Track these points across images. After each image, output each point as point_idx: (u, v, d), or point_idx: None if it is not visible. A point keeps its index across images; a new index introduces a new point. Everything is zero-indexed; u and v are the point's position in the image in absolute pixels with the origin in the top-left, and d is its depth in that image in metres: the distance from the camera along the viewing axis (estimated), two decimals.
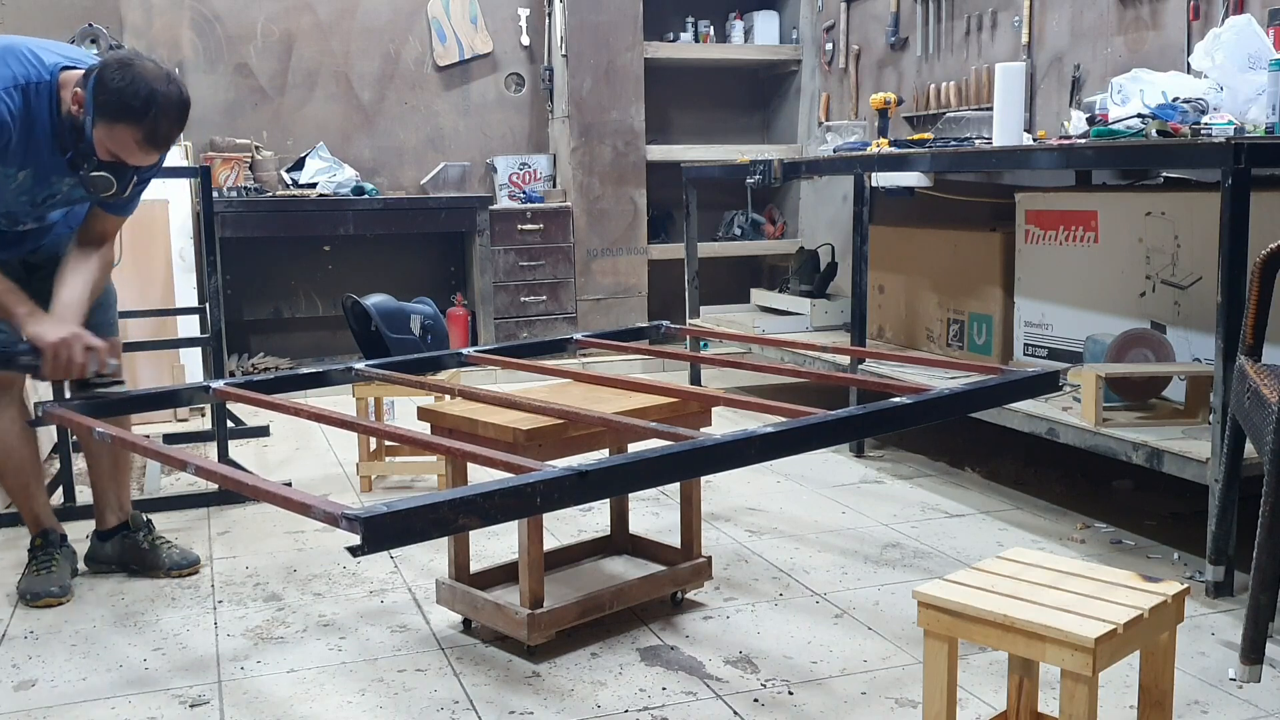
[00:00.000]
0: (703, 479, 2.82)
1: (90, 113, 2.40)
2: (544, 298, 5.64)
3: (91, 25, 4.39)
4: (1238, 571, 2.64)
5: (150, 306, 4.34)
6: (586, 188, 5.71)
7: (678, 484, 2.70)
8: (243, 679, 2.33)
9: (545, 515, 2.33)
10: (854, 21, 5.61)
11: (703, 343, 5.05)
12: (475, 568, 2.58)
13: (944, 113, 4.66)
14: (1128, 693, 2.10)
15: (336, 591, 2.82)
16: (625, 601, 2.52)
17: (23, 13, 5.23)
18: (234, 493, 3.33)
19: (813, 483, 3.72)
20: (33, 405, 2.56)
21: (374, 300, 3.97)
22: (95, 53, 3.55)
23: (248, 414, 4.58)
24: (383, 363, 2.76)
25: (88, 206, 2.79)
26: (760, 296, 5.42)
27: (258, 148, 5.51)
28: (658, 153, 5.84)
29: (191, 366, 4.80)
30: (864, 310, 4.09)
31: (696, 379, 5.03)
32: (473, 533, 2.73)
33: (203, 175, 3.69)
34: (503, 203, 5.73)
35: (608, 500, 2.86)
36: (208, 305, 3.77)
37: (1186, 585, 1.72)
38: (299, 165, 5.52)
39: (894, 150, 4.00)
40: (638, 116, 5.75)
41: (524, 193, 5.80)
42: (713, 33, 6.13)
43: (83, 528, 3.29)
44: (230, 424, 4.18)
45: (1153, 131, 2.90)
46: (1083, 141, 3.17)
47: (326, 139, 5.67)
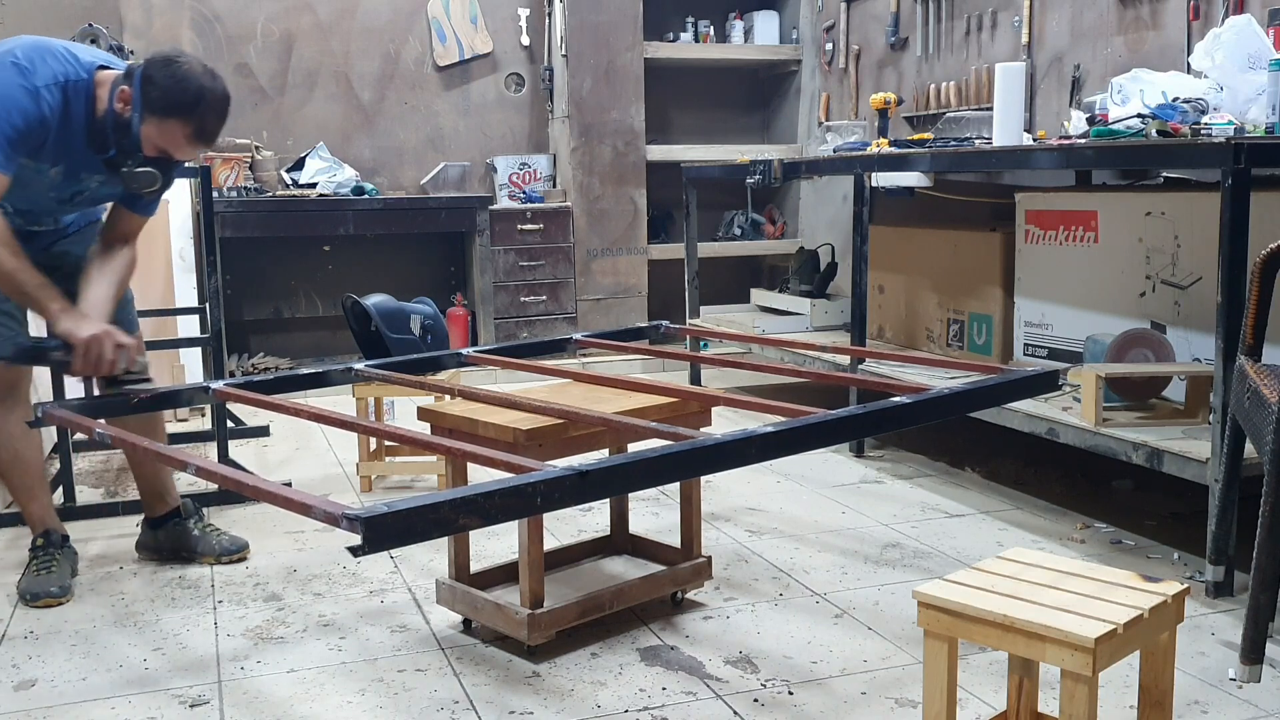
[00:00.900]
0: (703, 479, 2.82)
1: (139, 109, 2.48)
2: (544, 298, 5.64)
3: (91, 25, 4.39)
4: (1238, 571, 2.64)
5: (150, 306, 4.33)
6: (586, 188, 5.71)
7: (678, 484, 2.70)
8: (243, 679, 2.33)
9: (545, 515, 2.33)
10: (854, 21, 5.61)
11: (703, 343, 5.05)
12: (475, 568, 2.59)
13: (944, 113, 4.66)
14: (1128, 693, 2.10)
15: (336, 591, 2.82)
16: (625, 601, 2.52)
17: (23, 13, 5.24)
18: (234, 493, 3.33)
19: (813, 483, 3.72)
20: (33, 405, 2.57)
21: (374, 300, 3.97)
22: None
23: (248, 414, 4.58)
24: (383, 363, 2.76)
25: (101, 210, 2.85)
26: (760, 296, 5.42)
27: (258, 148, 5.51)
28: (658, 153, 5.84)
29: (191, 366, 4.80)
30: (864, 310, 4.09)
31: (696, 379, 5.03)
32: (473, 533, 2.73)
33: (203, 175, 3.69)
34: (503, 203, 5.73)
35: (608, 500, 2.86)
36: (208, 305, 3.77)
37: (1186, 585, 1.72)
38: (299, 165, 5.52)
39: (894, 150, 4.00)
40: (638, 116, 5.75)
41: (524, 193, 5.80)
42: (713, 33, 6.13)
43: (83, 528, 3.30)
44: (230, 424, 4.19)
45: (1153, 131, 2.90)
46: (1083, 141, 3.17)
47: (326, 139, 5.67)
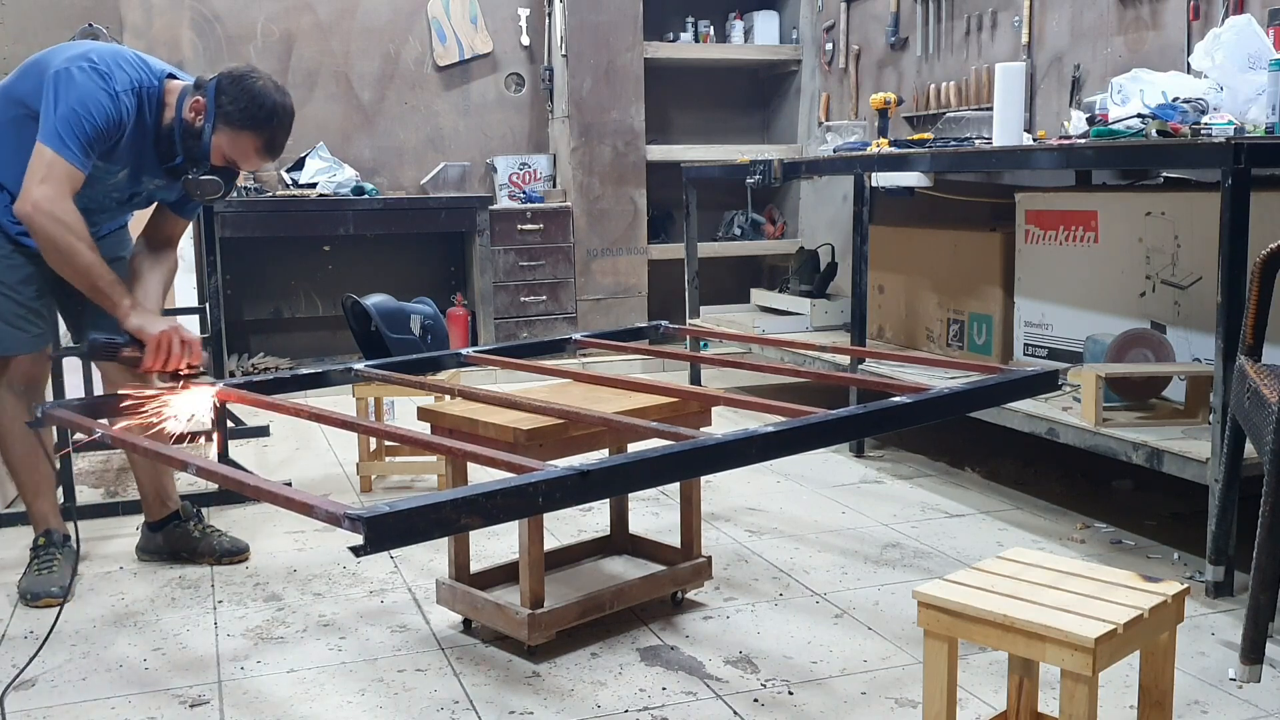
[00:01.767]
0: (703, 479, 2.82)
1: (211, 120, 2.60)
2: (544, 298, 5.64)
3: (91, 25, 4.38)
4: (1238, 571, 2.64)
5: None
6: (586, 188, 5.71)
7: (678, 484, 2.70)
8: (243, 679, 2.33)
9: (545, 515, 2.33)
10: (854, 21, 5.61)
11: (703, 343, 5.05)
12: (475, 568, 2.59)
13: (944, 113, 4.66)
14: (1128, 693, 2.10)
15: (336, 591, 2.82)
16: (625, 601, 2.52)
17: (23, 13, 5.23)
18: (233, 493, 3.33)
19: (813, 483, 3.72)
20: (31, 406, 2.57)
21: (374, 300, 3.97)
22: None
23: (248, 414, 4.58)
24: (382, 363, 2.75)
25: (128, 216, 2.95)
26: (760, 296, 5.42)
27: None
28: (658, 153, 5.84)
29: None
30: (864, 310, 4.09)
31: (696, 379, 5.03)
32: (472, 533, 2.73)
33: None
34: (503, 203, 5.73)
35: (608, 500, 2.86)
36: (208, 305, 3.78)
37: (1186, 585, 1.72)
38: (299, 165, 5.52)
39: (894, 150, 4.00)
40: (638, 116, 5.75)
41: (524, 193, 5.80)
42: (713, 33, 6.13)
43: (83, 528, 3.28)
44: (230, 424, 4.19)
45: (1153, 131, 2.90)
46: (1083, 141, 3.17)
47: (326, 139, 5.67)
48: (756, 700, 2.19)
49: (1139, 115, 3.05)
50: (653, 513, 3.38)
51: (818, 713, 2.15)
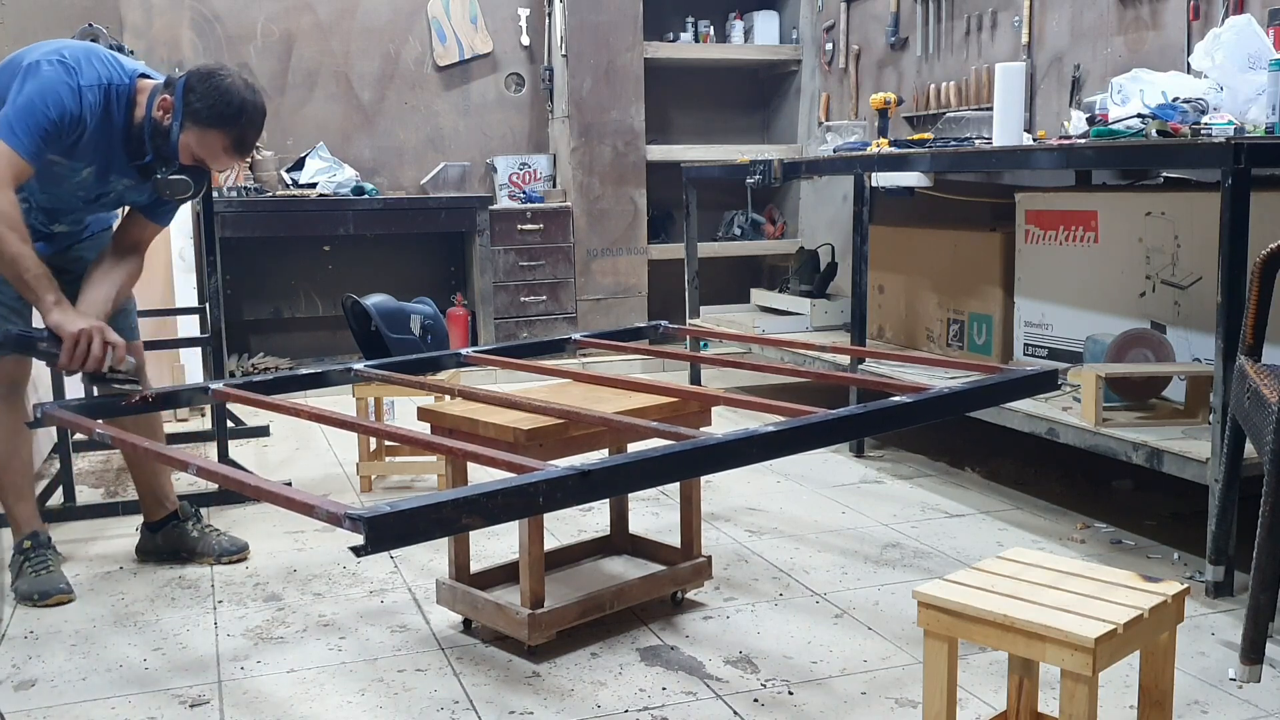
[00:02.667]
0: (703, 479, 2.82)
1: (179, 118, 2.54)
2: (544, 298, 5.64)
3: (91, 25, 4.38)
4: (1238, 571, 2.64)
5: (150, 306, 4.32)
6: (586, 188, 5.71)
7: (678, 484, 2.70)
8: (243, 679, 2.33)
9: (545, 515, 2.33)
10: (854, 21, 5.61)
11: (702, 343, 5.05)
12: (475, 568, 2.59)
13: (944, 113, 4.66)
14: (1128, 693, 2.10)
15: (336, 591, 2.82)
16: (625, 601, 2.52)
17: (23, 13, 5.24)
18: (233, 493, 3.33)
19: (813, 483, 3.72)
20: (31, 406, 2.57)
21: (374, 300, 3.97)
22: None
23: (248, 414, 4.58)
24: (382, 363, 2.75)
25: (115, 217, 2.90)
26: (760, 296, 5.42)
27: (258, 147, 5.51)
28: (658, 153, 5.84)
29: (191, 366, 4.79)
30: (864, 310, 4.09)
31: (696, 379, 5.03)
32: (472, 533, 2.73)
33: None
34: (503, 203, 5.73)
35: (608, 500, 2.86)
36: (208, 305, 3.77)
37: (1186, 585, 1.72)
38: (299, 165, 5.52)
39: (894, 150, 4.00)
40: (638, 116, 5.75)
41: (524, 193, 5.80)
42: (713, 33, 6.13)
43: (83, 528, 3.30)
44: (230, 424, 4.19)
45: (1153, 131, 2.90)
46: (1083, 141, 3.17)
47: (326, 139, 5.67)
48: (756, 700, 2.19)
49: (1139, 115, 3.05)
50: (653, 513, 3.38)
51: (818, 713, 2.15)
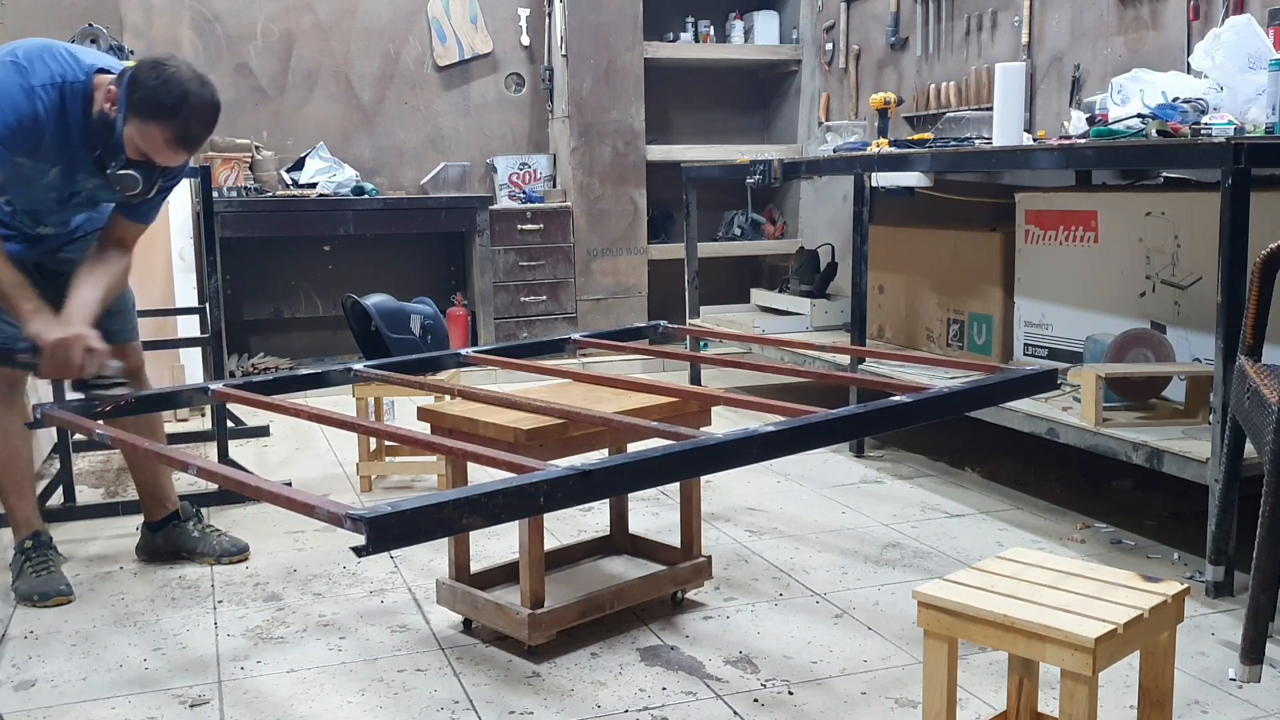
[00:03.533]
0: (703, 479, 2.82)
1: (123, 110, 2.45)
2: (544, 298, 5.64)
3: (91, 25, 4.39)
4: (1238, 571, 2.64)
5: (150, 306, 4.33)
6: (586, 188, 5.71)
7: (678, 484, 2.70)
8: (243, 679, 2.33)
9: (545, 515, 2.33)
10: (854, 21, 5.61)
11: (702, 343, 5.05)
12: (475, 568, 2.59)
13: (944, 113, 4.66)
14: (1128, 693, 2.10)
15: (336, 591, 2.82)
16: (625, 601, 2.52)
17: (23, 13, 5.23)
18: (233, 493, 3.33)
19: (813, 483, 3.72)
20: (31, 407, 2.57)
21: (374, 300, 3.97)
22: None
23: (248, 414, 4.58)
24: (382, 363, 2.75)
25: (108, 215, 2.83)
26: (760, 296, 5.42)
27: (258, 148, 5.51)
28: (658, 153, 5.84)
29: (191, 366, 4.79)
30: (864, 310, 4.09)
31: (696, 379, 5.03)
32: (473, 533, 2.73)
33: (203, 175, 3.69)
34: (503, 203, 5.73)
35: (608, 500, 2.86)
36: (208, 305, 3.77)
37: (1186, 585, 1.72)
38: (299, 165, 5.52)
39: (894, 150, 4.00)
40: (638, 116, 5.75)
41: (524, 193, 5.80)
42: (713, 33, 6.13)
43: (83, 528, 3.30)
44: (230, 424, 4.19)
45: (1153, 131, 2.90)
46: (1083, 141, 3.17)
47: (326, 139, 5.67)
48: (756, 700, 2.19)
49: (1139, 115, 3.05)
50: (653, 513, 3.38)
51: (818, 713, 2.15)
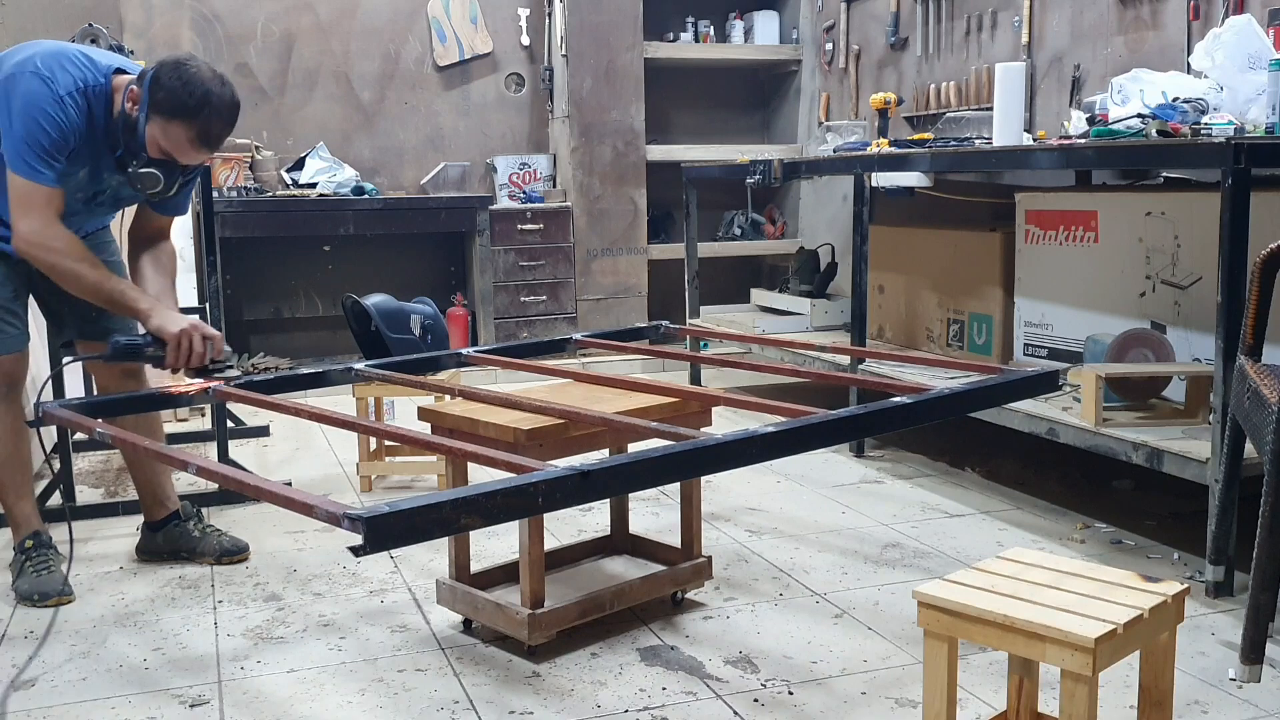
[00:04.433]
0: (703, 479, 2.82)
1: (145, 110, 2.53)
2: (544, 298, 5.64)
3: (91, 25, 4.38)
4: (1238, 571, 2.64)
5: None
6: (586, 188, 5.71)
7: (678, 484, 2.70)
8: (243, 679, 2.33)
9: (545, 515, 2.33)
10: (854, 21, 5.61)
11: (703, 343, 5.05)
12: (475, 568, 2.59)
13: (944, 113, 4.66)
14: (1128, 693, 2.10)
15: (336, 591, 2.82)
16: (625, 601, 2.52)
17: (23, 13, 5.23)
18: (233, 493, 3.33)
19: (813, 483, 3.72)
20: (32, 406, 2.57)
21: (374, 300, 3.97)
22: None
23: (248, 414, 4.58)
24: (383, 363, 2.75)
25: (110, 218, 2.92)
26: (760, 296, 5.42)
27: (258, 148, 5.51)
28: (658, 153, 5.84)
29: None
30: (864, 310, 4.09)
31: (696, 379, 5.03)
32: (473, 533, 2.73)
33: (203, 175, 3.69)
34: (503, 203, 5.73)
35: (608, 500, 2.86)
36: (208, 305, 3.77)
37: (1186, 585, 1.72)
38: (299, 165, 5.52)
39: (894, 150, 4.00)
40: (638, 116, 5.75)
41: (524, 193, 5.80)
42: (713, 33, 6.13)
43: (83, 528, 3.30)
44: (230, 424, 4.18)
45: (1153, 131, 2.90)
46: (1083, 141, 3.17)
47: (326, 139, 5.67)
48: (756, 700, 2.19)
49: (1139, 115, 3.05)
50: (653, 513, 3.38)
51: (818, 713, 2.15)
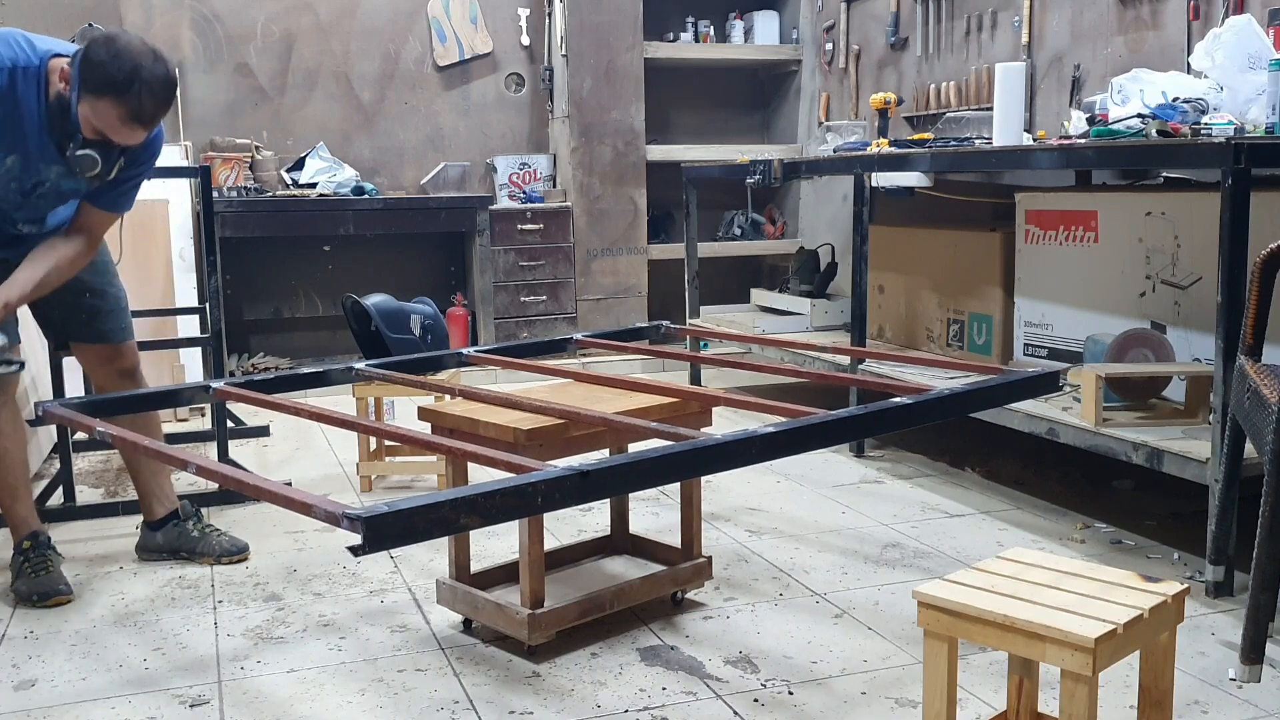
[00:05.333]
0: (703, 479, 2.82)
1: (76, 88, 2.42)
2: (544, 298, 5.64)
3: (91, 25, 4.37)
4: (1238, 571, 2.64)
5: (150, 306, 4.33)
6: (586, 188, 5.71)
7: (678, 484, 2.70)
8: (243, 679, 2.33)
9: (545, 515, 2.33)
10: (854, 21, 5.61)
11: (703, 343, 5.05)
12: (475, 568, 2.59)
13: (944, 113, 4.66)
14: (1128, 693, 2.10)
15: (336, 591, 2.82)
16: (625, 601, 2.52)
17: (23, 13, 5.23)
18: (234, 493, 3.33)
19: (813, 483, 3.72)
20: (32, 405, 2.57)
21: (374, 300, 3.97)
22: None
23: (248, 414, 4.58)
24: (383, 363, 2.75)
25: (61, 215, 2.80)
26: (760, 296, 5.42)
27: (258, 148, 5.51)
28: (658, 153, 5.84)
29: (191, 366, 4.80)
30: (864, 310, 4.09)
31: (696, 379, 5.03)
32: (473, 533, 2.73)
33: (203, 175, 3.69)
34: (503, 203, 5.73)
35: (608, 500, 2.86)
36: (208, 305, 3.77)
37: (1186, 585, 1.72)
38: (299, 165, 5.52)
39: (894, 150, 4.00)
40: (638, 116, 5.75)
41: (524, 193, 5.80)
42: (713, 33, 6.13)
43: (83, 528, 3.30)
44: (230, 424, 4.18)
45: (1153, 131, 2.90)
46: (1083, 141, 3.17)
47: (326, 139, 5.67)
48: (756, 700, 2.19)
49: (1139, 115, 3.05)
50: (653, 513, 3.38)
51: (818, 713, 2.15)
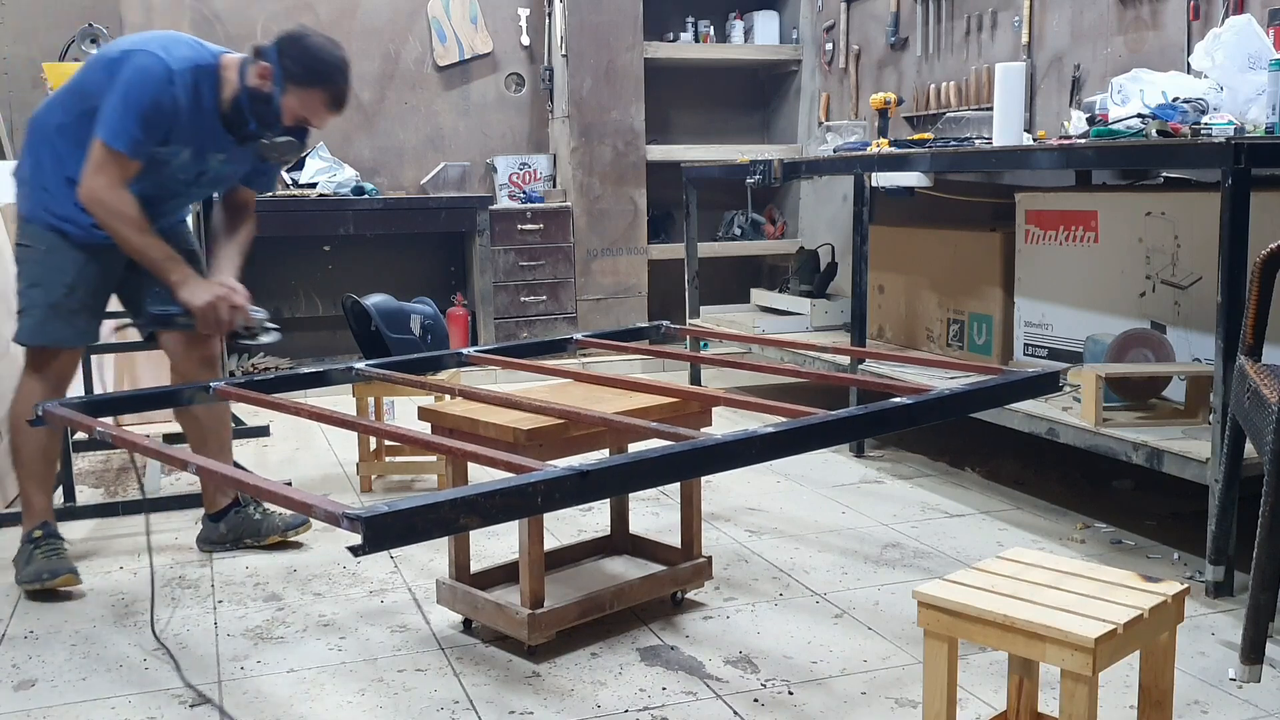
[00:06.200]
0: (703, 479, 2.82)
1: (279, 82, 2.70)
2: (544, 298, 5.64)
3: (91, 25, 4.38)
4: (1238, 571, 2.64)
5: None
6: (586, 188, 5.71)
7: (678, 484, 2.70)
8: (243, 679, 2.33)
9: (545, 515, 2.33)
10: (854, 21, 5.61)
11: (703, 343, 5.05)
12: (475, 568, 2.59)
13: (944, 113, 4.66)
14: (1128, 693, 2.10)
15: (336, 591, 2.82)
16: (625, 601, 2.52)
17: (23, 13, 5.24)
18: None
19: (813, 483, 3.72)
20: (32, 405, 2.57)
21: (374, 300, 3.97)
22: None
23: (248, 414, 4.58)
24: (383, 363, 2.76)
25: (186, 212, 3.11)
26: (760, 296, 5.42)
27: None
28: (658, 153, 5.84)
29: None
30: (864, 310, 4.09)
31: (696, 379, 5.03)
32: (473, 533, 2.73)
33: None
34: (503, 203, 5.73)
35: (608, 500, 2.86)
36: None
37: (1186, 585, 1.72)
38: (299, 165, 5.51)
39: (894, 150, 4.00)
40: (638, 116, 5.75)
41: (524, 193, 5.80)
42: (713, 33, 6.13)
43: (83, 528, 3.30)
44: (230, 424, 4.18)
45: (1153, 131, 2.90)
46: (1083, 141, 3.17)
47: (326, 139, 5.66)
48: (756, 700, 2.19)
49: (1139, 115, 3.05)
50: (653, 513, 3.38)
51: (818, 713, 2.15)
